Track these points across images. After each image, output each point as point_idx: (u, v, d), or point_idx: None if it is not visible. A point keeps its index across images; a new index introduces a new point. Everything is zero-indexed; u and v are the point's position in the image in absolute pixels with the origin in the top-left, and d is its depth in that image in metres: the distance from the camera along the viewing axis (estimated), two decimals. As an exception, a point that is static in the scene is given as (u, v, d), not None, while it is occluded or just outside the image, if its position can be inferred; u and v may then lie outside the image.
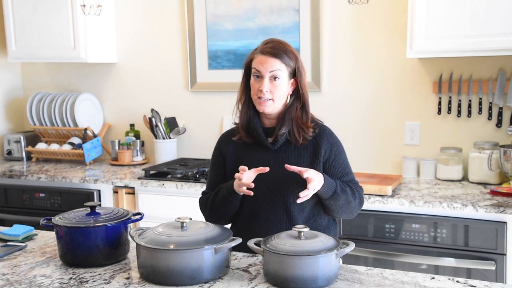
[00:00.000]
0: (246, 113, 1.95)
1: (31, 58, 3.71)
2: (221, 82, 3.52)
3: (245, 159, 1.93)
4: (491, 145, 2.87)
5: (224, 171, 1.99)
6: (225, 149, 1.99)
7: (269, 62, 1.85)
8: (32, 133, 3.95)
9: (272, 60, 1.85)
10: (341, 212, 1.92)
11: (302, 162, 1.90)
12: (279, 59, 1.85)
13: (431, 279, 1.61)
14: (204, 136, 3.63)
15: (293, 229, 1.64)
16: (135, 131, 3.75)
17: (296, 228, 1.62)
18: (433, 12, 2.70)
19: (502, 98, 2.90)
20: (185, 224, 1.68)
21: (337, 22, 3.22)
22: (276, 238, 1.63)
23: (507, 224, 2.43)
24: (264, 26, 3.37)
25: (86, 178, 3.23)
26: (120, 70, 3.82)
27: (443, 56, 2.80)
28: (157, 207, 3.08)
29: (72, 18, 3.50)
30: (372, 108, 3.20)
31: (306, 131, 1.90)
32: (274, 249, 1.56)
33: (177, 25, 3.61)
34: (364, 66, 3.20)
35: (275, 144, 1.91)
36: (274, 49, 1.86)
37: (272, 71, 1.85)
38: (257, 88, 1.87)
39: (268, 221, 1.88)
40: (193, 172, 3.13)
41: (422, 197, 2.61)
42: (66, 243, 1.77)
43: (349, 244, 1.61)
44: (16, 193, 3.41)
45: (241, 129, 1.96)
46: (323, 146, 1.92)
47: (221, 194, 1.92)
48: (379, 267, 2.34)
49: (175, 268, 1.57)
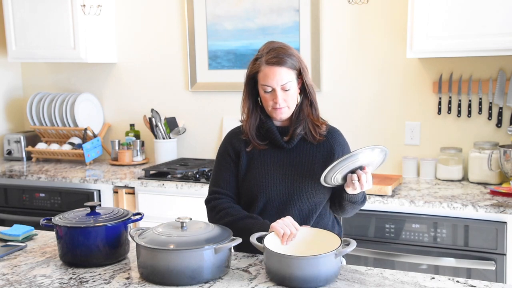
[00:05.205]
0: (256, 118, 1.93)
1: (31, 58, 3.71)
2: (221, 82, 3.52)
3: (259, 158, 1.93)
4: (491, 145, 2.88)
5: (237, 169, 1.95)
6: (238, 146, 1.95)
7: (277, 73, 1.83)
8: (32, 133, 3.95)
9: (279, 70, 1.83)
10: (351, 213, 1.96)
11: (315, 161, 1.91)
12: (285, 65, 1.84)
13: (431, 279, 1.61)
14: (204, 136, 3.63)
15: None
16: (135, 131, 3.75)
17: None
18: (433, 12, 2.70)
19: (502, 98, 2.90)
20: (185, 224, 1.69)
21: (337, 22, 3.22)
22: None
23: (507, 224, 2.43)
24: (264, 26, 3.37)
25: (86, 178, 3.23)
26: (120, 70, 3.82)
27: (443, 56, 2.80)
28: (157, 207, 3.08)
29: (72, 18, 3.49)
30: (372, 108, 3.20)
31: (320, 127, 1.92)
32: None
33: (177, 25, 3.61)
34: (364, 66, 3.20)
35: (291, 143, 1.91)
36: (278, 56, 1.84)
37: (282, 85, 1.84)
38: (271, 100, 1.87)
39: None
40: (193, 172, 3.13)
41: (422, 197, 2.61)
42: (66, 243, 1.76)
43: (350, 243, 1.61)
44: (16, 193, 3.41)
45: (251, 139, 1.93)
46: (336, 147, 1.93)
47: (248, 227, 1.80)
48: (379, 267, 2.34)
49: (175, 268, 1.57)
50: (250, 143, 1.93)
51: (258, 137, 1.93)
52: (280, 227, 1.70)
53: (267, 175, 1.90)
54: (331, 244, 1.61)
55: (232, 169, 1.95)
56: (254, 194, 1.90)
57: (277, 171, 1.90)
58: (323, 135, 1.93)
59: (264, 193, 1.89)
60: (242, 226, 1.82)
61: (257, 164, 1.92)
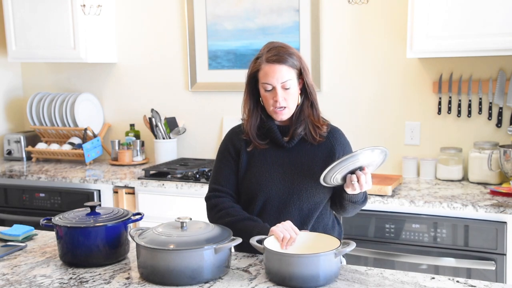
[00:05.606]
0: (257, 118, 1.93)
1: (31, 58, 3.71)
2: (221, 82, 3.52)
3: (259, 157, 1.93)
4: (491, 145, 2.88)
5: (237, 167, 1.95)
6: (238, 144, 1.96)
7: (277, 71, 1.84)
8: (32, 133, 3.95)
9: (279, 68, 1.84)
10: (352, 212, 1.96)
11: (316, 161, 1.91)
12: (286, 64, 1.84)
13: (431, 279, 1.61)
14: (204, 136, 3.63)
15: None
16: (135, 131, 3.75)
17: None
18: (433, 12, 2.70)
19: (502, 98, 2.90)
20: (185, 224, 1.69)
21: (337, 22, 3.22)
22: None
23: (507, 224, 2.43)
24: (264, 26, 3.37)
25: (86, 178, 3.23)
26: (120, 70, 3.82)
27: (443, 56, 2.80)
28: (157, 207, 3.08)
29: (72, 18, 3.49)
30: (372, 108, 3.20)
31: (321, 128, 1.92)
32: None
33: (177, 25, 3.61)
34: (364, 66, 3.20)
35: (291, 142, 1.91)
36: (278, 54, 1.85)
37: (282, 82, 1.84)
38: (272, 99, 1.87)
39: (279, 220, 1.86)
40: (193, 172, 3.13)
41: (422, 197, 2.61)
42: (66, 243, 1.76)
43: (350, 244, 1.61)
44: (16, 193, 3.41)
45: (252, 138, 1.93)
46: (337, 147, 1.93)
47: (248, 229, 1.81)
48: (379, 267, 2.34)
49: (175, 268, 1.57)
50: (251, 142, 1.94)
51: (259, 137, 1.93)
52: (280, 231, 1.70)
53: (267, 174, 1.90)
54: (331, 247, 1.61)
55: (232, 167, 1.96)
56: (254, 192, 1.90)
57: (277, 170, 1.90)
58: (323, 136, 1.93)
59: (264, 192, 1.89)
60: (242, 227, 1.82)
61: (257, 163, 1.92)
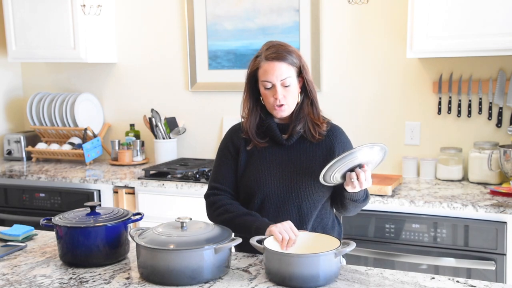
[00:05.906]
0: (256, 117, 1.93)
1: (31, 58, 3.71)
2: (221, 82, 3.52)
3: (258, 155, 1.93)
4: (491, 145, 2.87)
5: (236, 165, 1.95)
6: (238, 142, 1.96)
7: (277, 68, 1.84)
8: (32, 133, 3.95)
9: (279, 65, 1.84)
10: (354, 211, 1.95)
11: (315, 159, 1.90)
12: (285, 61, 1.85)
13: (431, 279, 1.61)
14: (204, 136, 3.63)
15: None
16: (135, 131, 3.75)
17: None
18: (433, 12, 2.70)
19: (502, 98, 2.90)
20: (185, 224, 1.69)
21: (337, 22, 3.22)
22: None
23: (507, 224, 2.43)
24: (264, 26, 3.37)
25: (86, 178, 3.23)
26: (120, 70, 3.82)
27: (443, 56, 2.80)
28: (157, 207, 3.08)
29: (72, 18, 3.49)
30: (372, 108, 3.20)
31: (320, 127, 1.92)
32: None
33: (177, 25, 3.61)
34: (364, 66, 3.20)
35: (290, 140, 1.91)
36: (278, 52, 1.85)
37: (282, 80, 1.84)
38: (271, 97, 1.87)
39: (277, 218, 1.86)
40: (193, 172, 3.13)
41: (422, 197, 2.61)
42: (66, 243, 1.77)
43: (350, 244, 1.61)
44: (16, 193, 3.41)
45: (252, 137, 1.93)
46: (336, 145, 1.93)
47: (247, 224, 1.81)
48: (380, 267, 2.34)
49: (175, 268, 1.57)
50: (251, 141, 1.94)
51: (258, 135, 1.93)
52: (279, 232, 1.70)
53: (265, 172, 1.90)
54: (330, 247, 1.61)
55: (232, 165, 1.96)
56: (252, 190, 1.90)
57: (275, 168, 1.90)
58: (323, 134, 1.93)
59: (262, 189, 1.89)
60: (241, 222, 1.82)
61: (256, 161, 1.92)
